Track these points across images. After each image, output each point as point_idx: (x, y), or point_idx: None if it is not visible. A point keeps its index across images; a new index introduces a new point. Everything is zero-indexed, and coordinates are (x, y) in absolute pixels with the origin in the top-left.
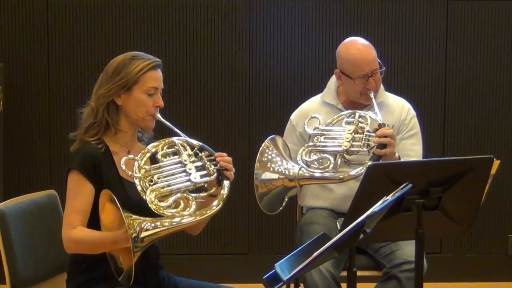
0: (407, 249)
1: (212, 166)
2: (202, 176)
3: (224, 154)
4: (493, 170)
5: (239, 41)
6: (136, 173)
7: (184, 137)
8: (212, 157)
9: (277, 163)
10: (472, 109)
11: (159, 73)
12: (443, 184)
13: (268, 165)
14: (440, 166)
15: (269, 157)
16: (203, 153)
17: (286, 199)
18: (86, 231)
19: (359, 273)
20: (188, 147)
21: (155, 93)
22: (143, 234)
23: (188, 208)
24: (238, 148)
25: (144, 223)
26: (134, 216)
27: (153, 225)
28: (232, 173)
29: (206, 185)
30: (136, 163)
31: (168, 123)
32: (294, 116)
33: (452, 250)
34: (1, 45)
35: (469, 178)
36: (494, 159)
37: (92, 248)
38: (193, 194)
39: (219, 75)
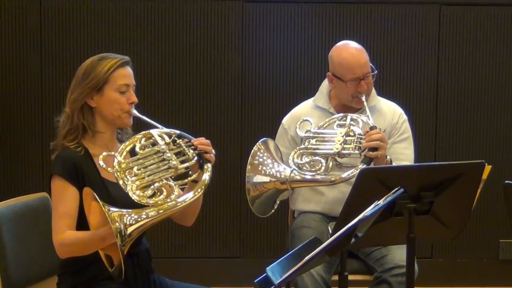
0: (398, 254)
1: (192, 151)
2: (182, 162)
3: (202, 138)
4: (485, 175)
5: (231, 45)
6: (115, 168)
7: (161, 128)
8: (191, 143)
9: (269, 165)
10: (464, 114)
11: (128, 70)
12: (434, 188)
13: (260, 168)
14: (431, 170)
15: (261, 159)
16: (181, 140)
17: (278, 202)
18: (75, 233)
19: (350, 277)
20: (166, 136)
21: (128, 90)
22: (129, 229)
23: (171, 195)
24: (230, 151)
25: (127, 215)
26: (114, 209)
27: (135, 216)
28: (212, 155)
29: (190, 172)
30: (115, 159)
31: (144, 118)
32: (286, 120)
33: (443, 255)
34: None
35: (461, 183)
36: (486, 164)
37: (83, 248)
38: (177, 182)
39: (212, 79)
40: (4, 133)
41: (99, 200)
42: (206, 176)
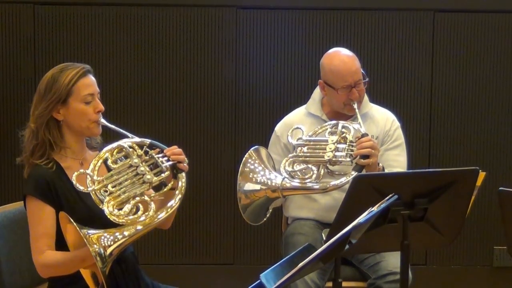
0: (392, 260)
1: (165, 162)
2: (156, 174)
3: (174, 147)
4: (479, 182)
5: (224, 52)
6: (89, 187)
7: (131, 137)
8: (164, 152)
9: (260, 173)
10: (457, 120)
11: (90, 79)
12: (428, 195)
13: (250, 176)
14: (426, 177)
15: (252, 167)
16: (153, 151)
17: (271, 210)
18: (55, 254)
19: (344, 284)
20: (137, 148)
21: (93, 99)
22: (109, 250)
23: (148, 211)
24: (223, 158)
25: (103, 237)
26: (92, 232)
27: (113, 236)
28: (185, 164)
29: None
30: (87, 176)
31: (113, 126)
32: (278, 127)
33: (437, 262)
34: None
35: (455, 189)
36: (480, 171)
37: (65, 269)
38: (152, 194)
39: (205, 86)
40: None
41: (75, 225)
42: (181, 184)
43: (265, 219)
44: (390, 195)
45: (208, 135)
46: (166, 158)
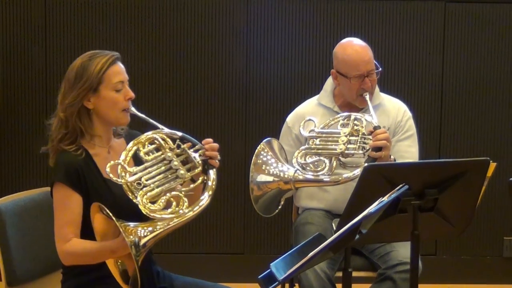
0: (402, 251)
1: (197, 157)
2: (188, 170)
3: (210, 140)
4: (489, 173)
5: (235, 42)
6: (122, 177)
7: (162, 129)
8: (197, 147)
9: (272, 165)
10: (468, 111)
11: (120, 66)
12: (439, 186)
13: (263, 168)
14: (436, 168)
15: (264, 159)
16: (185, 145)
17: (282, 202)
18: (82, 242)
19: (354, 273)
20: (169, 140)
21: (123, 87)
22: (143, 240)
23: (180, 206)
24: (234, 148)
25: (140, 229)
26: (129, 224)
27: (149, 229)
28: (217, 160)
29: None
30: (119, 167)
31: (143, 116)
32: (290, 118)
33: (447, 252)
34: None
35: (465, 180)
36: (491, 161)
37: (90, 259)
38: (183, 189)
39: (215, 76)
40: (8, 127)
41: (113, 217)
42: (212, 181)
43: (276, 211)
44: (401, 185)
45: (218, 125)
46: (198, 153)
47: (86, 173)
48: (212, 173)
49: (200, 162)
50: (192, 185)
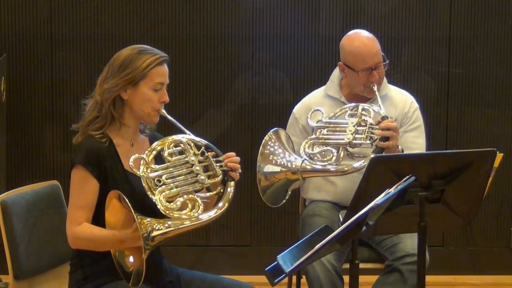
0: (410, 242)
1: (218, 167)
2: (209, 177)
3: (233, 154)
4: (496, 163)
5: (242, 32)
6: (144, 172)
7: (189, 134)
8: (219, 158)
9: (280, 155)
10: (475, 102)
11: (165, 68)
12: (446, 177)
13: (271, 158)
14: (443, 159)
15: (272, 149)
16: (209, 153)
17: (289, 192)
18: (92, 228)
19: (361, 265)
20: (194, 146)
21: (161, 89)
22: (154, 233)
23: (195, 210)
24: (241, 139)
25: (155, 225)
26: (145, 218)
27: (164, 226)
28: (237, 173)
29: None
30: (142, 161)
31: (172, 119)
32: (297, 109)
33: (454, 243)
34: (4, 35)
35: (472, 171)
36: (497, 152)
37: (98, 246)
38: (201, 195)
39: (222, 68)
40: (14, 120)
41: (131, 208)
42: (230, 192)
43: (284, 201)
44: (407, 177)
45: (225, 115)
46: (220, 163)
47: (107, 160)
48: (231, 185)
49: (221, 172)
50: (208, 194)
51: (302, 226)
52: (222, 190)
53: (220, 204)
